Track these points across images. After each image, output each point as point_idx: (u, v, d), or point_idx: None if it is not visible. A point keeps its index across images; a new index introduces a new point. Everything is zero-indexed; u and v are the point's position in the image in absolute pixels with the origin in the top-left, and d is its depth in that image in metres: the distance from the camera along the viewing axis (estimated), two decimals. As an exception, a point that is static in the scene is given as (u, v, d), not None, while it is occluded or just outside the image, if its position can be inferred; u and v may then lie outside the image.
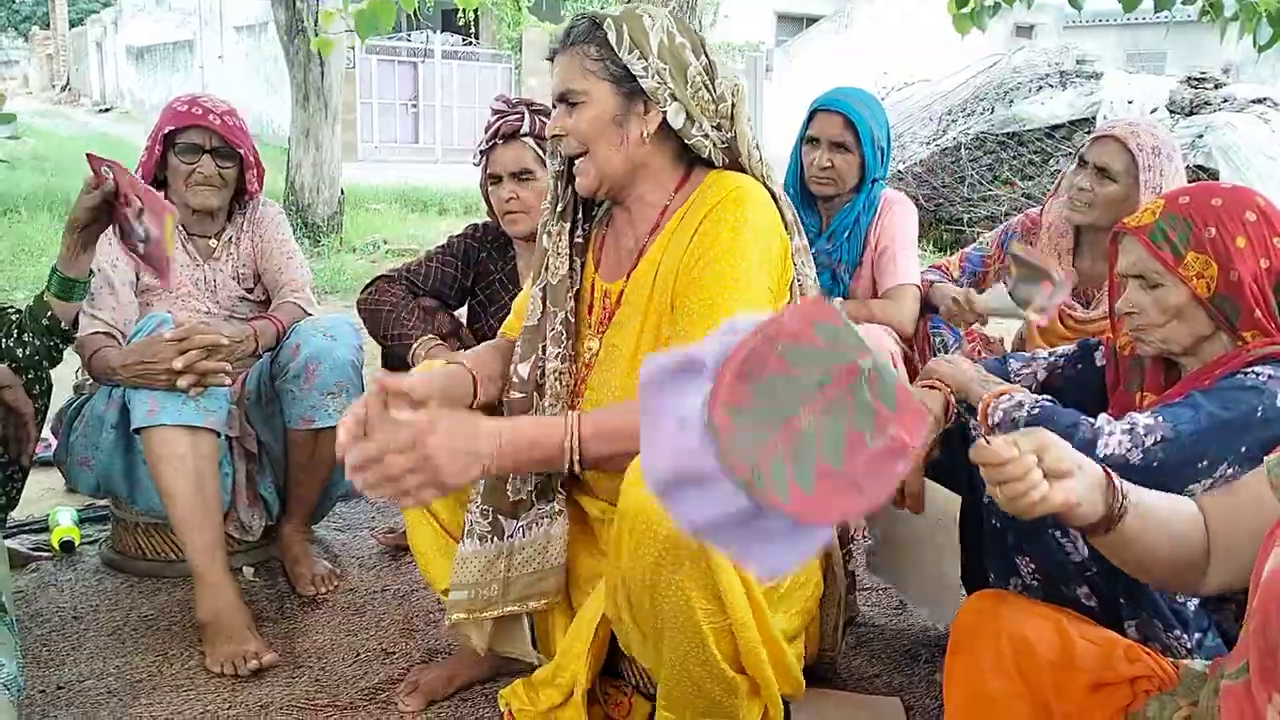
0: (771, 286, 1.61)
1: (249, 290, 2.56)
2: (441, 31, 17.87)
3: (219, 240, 2.54)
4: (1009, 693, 1.30)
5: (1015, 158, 8.09)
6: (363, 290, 2.50)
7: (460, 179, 10.79)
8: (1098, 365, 1.84)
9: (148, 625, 2.22)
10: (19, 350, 2.06)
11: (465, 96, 17.17)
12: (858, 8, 17.22)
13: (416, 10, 4.07)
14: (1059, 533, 1.50)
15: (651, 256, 1.68)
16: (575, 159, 1.67)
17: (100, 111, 24.58)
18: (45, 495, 2.90)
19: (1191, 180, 2.12)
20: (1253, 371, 1.50)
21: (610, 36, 1.60)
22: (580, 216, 1.78)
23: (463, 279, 2.54)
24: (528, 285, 1.83)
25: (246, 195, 2.55)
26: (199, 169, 2.40)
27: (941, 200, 8.39)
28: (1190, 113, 7.63)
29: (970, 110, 8.54)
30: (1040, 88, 8.29)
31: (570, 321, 1.74)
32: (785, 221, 1.67)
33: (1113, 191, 2.42)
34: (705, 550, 1.38)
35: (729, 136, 1.67)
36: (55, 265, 2.06)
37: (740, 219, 1.58)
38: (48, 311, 2.07)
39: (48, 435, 2.70)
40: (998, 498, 1.17)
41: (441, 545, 1.82)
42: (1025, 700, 1.29)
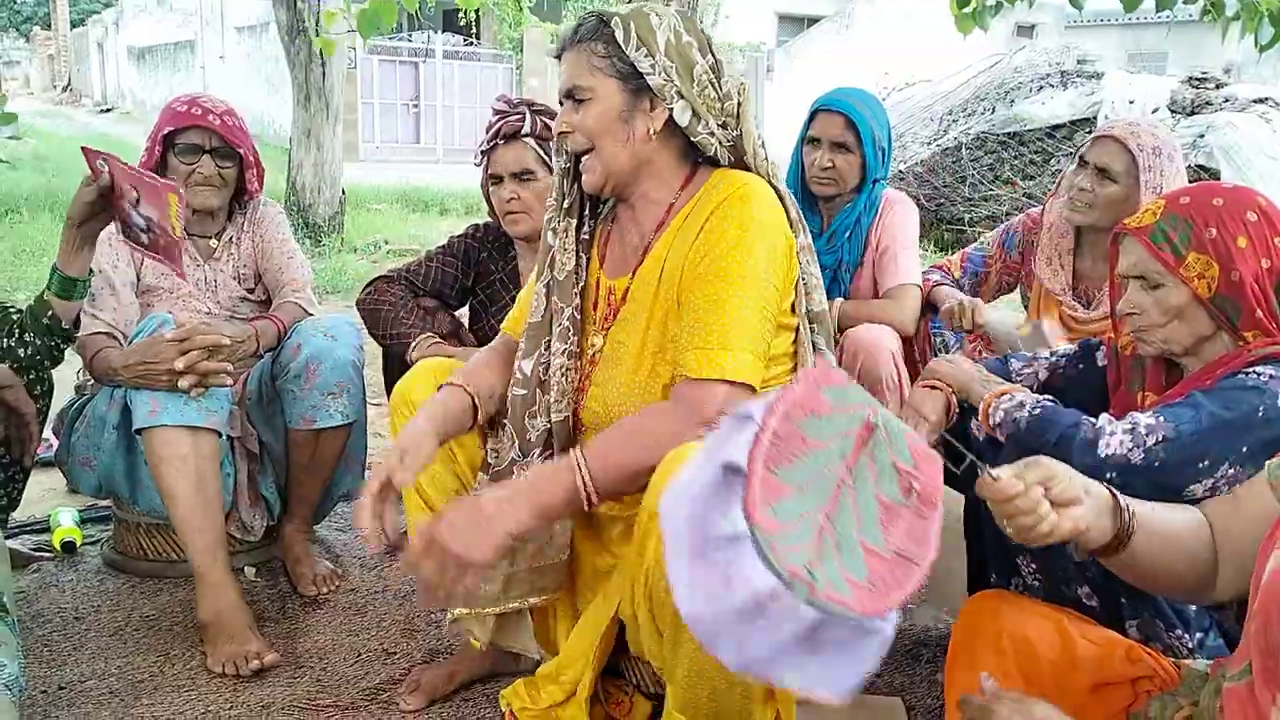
0: (777, 284, 1.61)
1: (250, 290, 2.56)
2: (443, 31, 17.88)
3: (219, 240, 2.54)
4: (1010, 693, 1.30)
5: (1016, 157, 8.08)
6: (363, 290, 2.51)
7: (461, 179, 10.77)
8: (1099, 365, 1.84)
9: (149, 625, 2.22)
10: (20, 350, 2.06)
11: (466, 97, 17.18)
12: (859, 8, 17.20)
13: (418, 10, 4.08)
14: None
15: (657, 253, 1.68)
16: (581, 155, 1.67)
17: (101, 112, 24.59)
18: (47, 496, 2.90)
19: (1192, 180, 2.12)
20: (1254, 371, 1.50)
21: (618, 34, 1.60)
22: (586, 213, 1.78)
23: (463, 279, 2.54)
24: (530, 282, 1.83)
25: (247, 195, 2.54)
26: (199, 169, 2.40)
27: (943, 200, 8.39)
28: (1191, 113, 7.63)
29: (971, 110, 8.54)
30: (1041, 87, 8.29)
31: (576, 318, 1.74)
32: (790, 220, 1.67)
33: (1113, 192, 2.41)
34: None
35: (735, 135, 1.67)
36: (55, 264, 2.06)
37: (747, 216, 1.58)
38: (48, 311, 2.06)
39: (49, 436, 2.69)
40: (1007, 530, 1.17)
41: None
42: (1026, 700, 1.29)
